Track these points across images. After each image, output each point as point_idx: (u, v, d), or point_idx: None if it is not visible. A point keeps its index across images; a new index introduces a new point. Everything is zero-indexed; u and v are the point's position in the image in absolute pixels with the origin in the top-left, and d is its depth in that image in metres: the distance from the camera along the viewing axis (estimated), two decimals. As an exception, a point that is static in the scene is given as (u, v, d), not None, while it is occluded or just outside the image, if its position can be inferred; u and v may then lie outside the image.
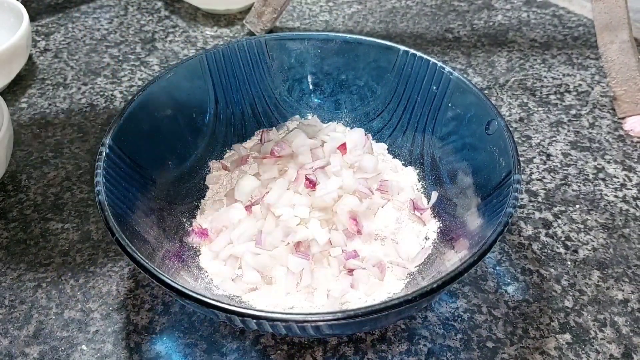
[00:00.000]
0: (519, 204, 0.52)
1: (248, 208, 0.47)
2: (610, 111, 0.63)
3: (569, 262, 0.47)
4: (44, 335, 0.42)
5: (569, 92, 0.66)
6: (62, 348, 0.41)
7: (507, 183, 0.39)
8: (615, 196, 0.53)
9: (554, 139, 0.59)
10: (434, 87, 0.49)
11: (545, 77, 0.68)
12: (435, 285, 0.32)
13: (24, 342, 0.42)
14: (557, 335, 0.42)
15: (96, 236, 0.49)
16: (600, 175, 0.55)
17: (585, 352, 0.41)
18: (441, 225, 0.46)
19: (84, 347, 0.42)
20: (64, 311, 0.44)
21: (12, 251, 0.48)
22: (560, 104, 0.64)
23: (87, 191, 0.54)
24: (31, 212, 0.52)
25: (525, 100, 0.64)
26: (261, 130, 0.54)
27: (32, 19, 0.76)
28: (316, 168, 0.48)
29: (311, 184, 0.47)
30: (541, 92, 0.65)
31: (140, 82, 0.68)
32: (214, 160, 0.52)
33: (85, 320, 0.43)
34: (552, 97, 0.65)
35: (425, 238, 0.46)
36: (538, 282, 0.46)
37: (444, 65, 0.48)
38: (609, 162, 0.57)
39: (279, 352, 0.41)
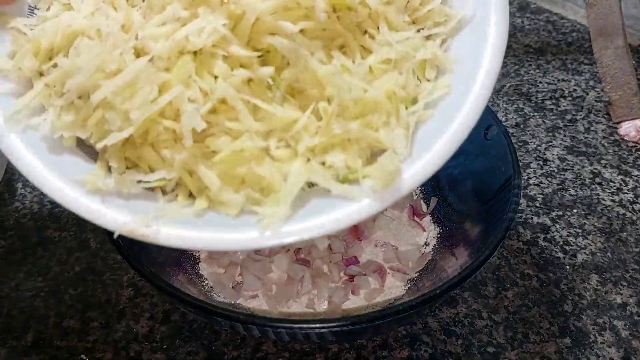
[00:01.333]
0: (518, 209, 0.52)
1: (247, 215, 0.47)
2: (605, 116, 0.63)
3: (567, 267, 0.48)
4: (42, 345, 0.42)
5: (564, 97, 0.66)
6: (62, 358, 0.41)
7: (507, 188, 0.39)
8: (612, 200, 0.53)
9: (550, 144, 0.60)
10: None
11: (541, 82, 0.68)
12: (438, 291, 0.32)
13: (22, 352, 0.42)
14: (557, 340, 0.42)
15: (94, 244, 0.49)
16: (597, 179, 0.56)
17: (586, 356, 0.41)
18: (441, 231, 0.46)
19: (83, 356, 0.41)
20: (63, 320, 0.44)
21: (10, 260, 0.48)
22: (556, 109, 0.64)
23: (85, 199, 0.53)
24: (28, 220, 0.51)
25: (521, 106, 0.65)
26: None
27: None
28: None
29: (311, 190, 0.47)
30: (537, 98, 0.66)
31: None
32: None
33: (85, 329, 0.43)
34: (548, 102, 0.65)
35: (425, 244, 0.46)
36: (537, 287, 0.46)
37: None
38: (605, 167, 0.57)
39: (280, 359, 0.41)
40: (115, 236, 0.27)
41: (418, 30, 0.30)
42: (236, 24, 0.28)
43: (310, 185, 0.28)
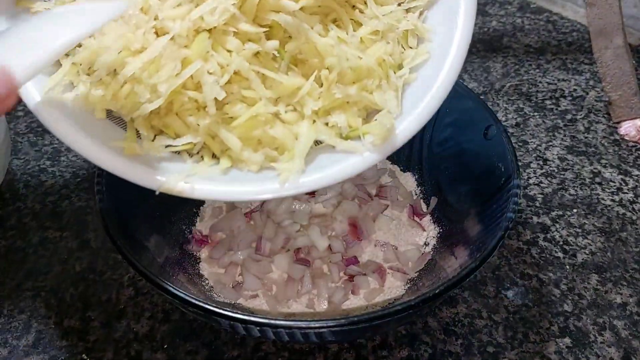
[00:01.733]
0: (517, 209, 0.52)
1: (248, 215, 0.47)
2: (605, 116, 0.63)
3: (567, 267, 0.48)
4: (43, 344, 0.42)
5: (564, 97, 0.66)
6: (62, 357, 0.41)
7: (507, 188, 0.39)
8: (612, 200, 0.53)
9: (550, 143, 0.60)
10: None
11: (541, 82, 0.68)
12: (437, 291, 0.32)
13: (23, 351, 0.42)
14: (557, 339, 0.42)
15: (95, 244, 0.49)
16: (597, 179, 0.56)
17: (585, 356, 0.41)
18: (441, 230, 0.46)
19: (84, 356, 0.41)
20: (64, 320, 0.44)
21: (11, 259, 0.48)
22: (556, 109, 0.64)
23: (85, 199, 0.53)
24: (29, 220, 0.51)
25: (521, 106, 0.65)
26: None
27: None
28: (315, 174, 0.48)
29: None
30: (537, 97, 0.66)
31: (137, 90, 0.67)
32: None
33: (85, 328, 0.43)
34: (548, 102, 0.65)
35: (425, 244, 0.46)
36: (537, 287, 0.46)
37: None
38: (605, 167, 0.57)
39: (279, 358, 0.41)
40: (157, 193, 0.30)
41: (399, 4, 0.34)
42: (243, 3, 0.30)
43: (316, 143, 0.32)
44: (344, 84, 0.31)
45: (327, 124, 0.32)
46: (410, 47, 0.34)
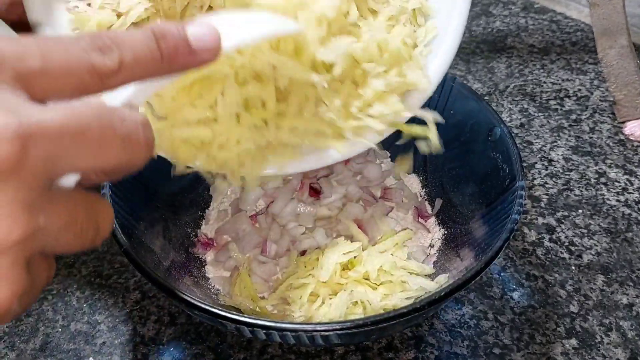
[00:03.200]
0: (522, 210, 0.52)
1: (253, 217, 0.47)
2: (610, 115, 0.63)
3: (573, 267, 0.48)
4: (50, 348, 0.42)
5: (569, 97, 0.66)
6: (69, 361, 0.42)
7: (512, 189, 0.39)
8: (617, 200, 0.53)
9: (555, 144, 0.60)
10: (435, 95, 0.49)
11: (545, 82, 0.68)
12: (443, 293, 0.32)
13: (31, 355, 0.42)
14: (563, 341, 0.42)
15: (101, 248, 0.49)
16: (602, 179, 0.56)
17: (592, 357, 0.41)
18: (446, 232, 0.46)
19: (91, 359, 0.42)
20: (71, 323, 0.44)
21: (17, 264, 0.48)
22: (561, 109, 0.64)
23: (91, 203, 0.54)
24: (35, 224, 0.52)
25: (525, 106, 0.65)
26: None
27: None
28: (320, 177, 0.48)
29: (315, 192, 0.47)
30: (541, 98, 0.66)
31: (141, 93, 0.68)
32: (217, 170, 0.52)
33: (92, 332, 0.43)
34: (552, 102, 0.65)
35: (430, 245, 0.46)
36: (543, 288, 0.46)
37: (445, 73, 0.48)
38: (610, 167, 0.57)
39: (286, 361, 0.41)
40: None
41: None
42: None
43: None
44: (384, 66, 0.34)
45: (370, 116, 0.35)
46: (419, 25, 0.38)
